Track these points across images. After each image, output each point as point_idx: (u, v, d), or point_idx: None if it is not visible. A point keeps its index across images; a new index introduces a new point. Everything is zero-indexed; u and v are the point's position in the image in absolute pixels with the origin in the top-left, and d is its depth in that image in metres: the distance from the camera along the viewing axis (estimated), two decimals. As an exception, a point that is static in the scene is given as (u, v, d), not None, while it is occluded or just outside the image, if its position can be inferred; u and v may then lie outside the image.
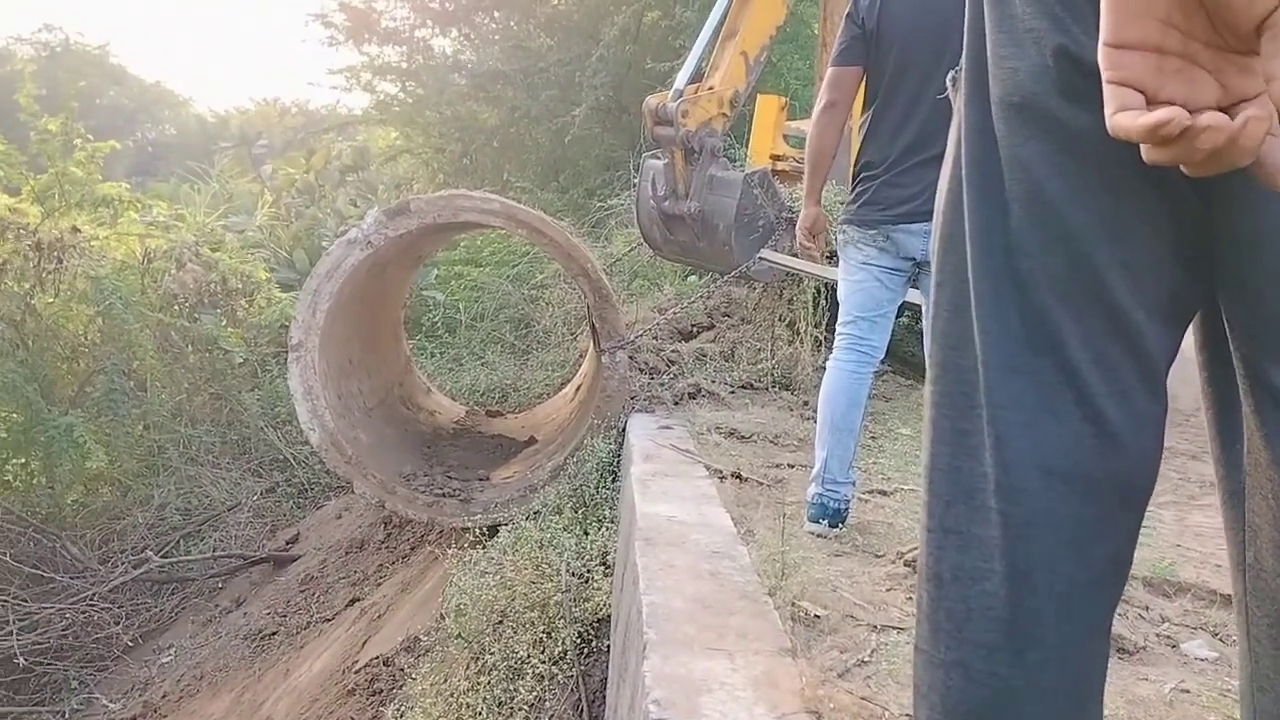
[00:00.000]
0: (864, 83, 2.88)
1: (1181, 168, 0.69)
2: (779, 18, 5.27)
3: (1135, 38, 0.68)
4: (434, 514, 4.44)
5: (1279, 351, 0.82)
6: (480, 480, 4.80)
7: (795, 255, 4.94)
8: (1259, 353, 0.84)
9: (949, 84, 1.03)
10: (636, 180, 5.70)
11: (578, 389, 5.78)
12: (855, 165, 2.93)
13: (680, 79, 4.89)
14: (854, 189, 2.91)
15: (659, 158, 5.11)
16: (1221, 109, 0.67)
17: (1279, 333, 0.82)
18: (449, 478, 4.79)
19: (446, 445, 5.49)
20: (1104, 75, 0.69)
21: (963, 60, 0.96)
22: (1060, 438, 0.90)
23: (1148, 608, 2.33)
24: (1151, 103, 0.68)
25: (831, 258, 3.89)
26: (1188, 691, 1.89)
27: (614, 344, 4.41)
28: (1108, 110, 0.69)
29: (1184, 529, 3.05)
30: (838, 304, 2.99)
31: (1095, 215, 0.87)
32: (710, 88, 4.96)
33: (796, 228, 3.08)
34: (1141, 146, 0.69)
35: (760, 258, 4.79)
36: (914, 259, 2.80)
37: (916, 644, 1.01)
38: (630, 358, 4.70)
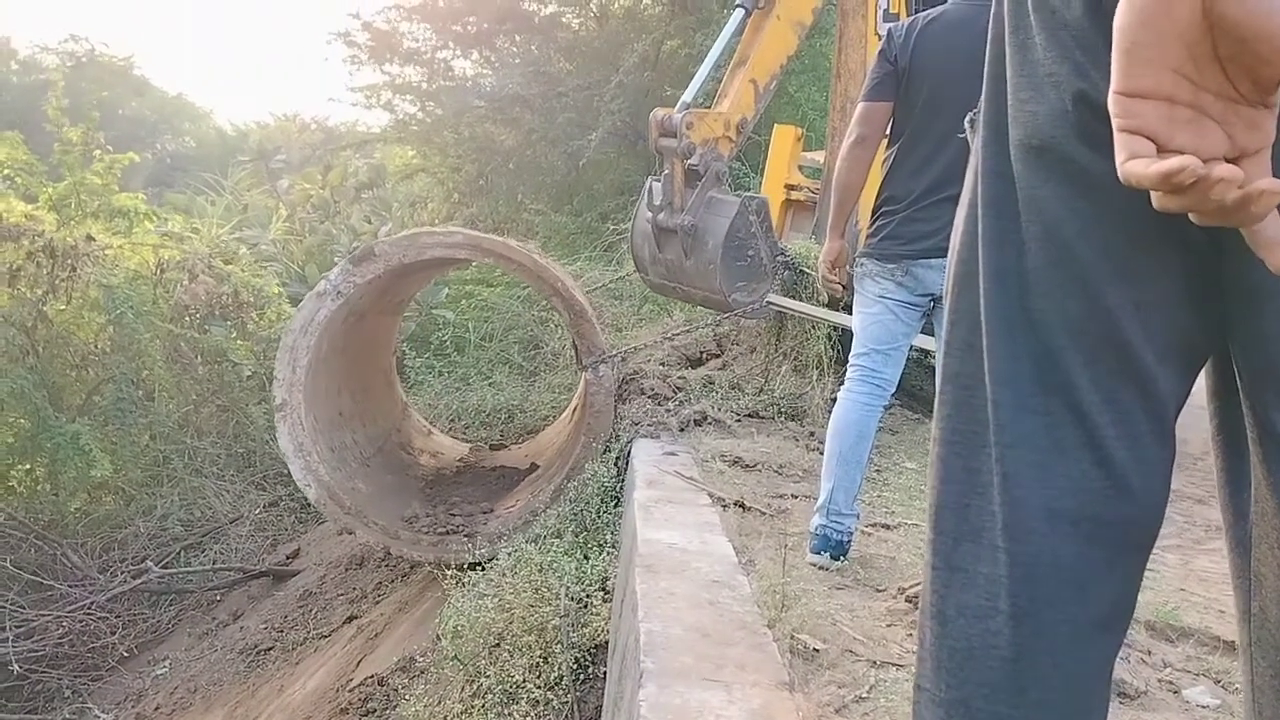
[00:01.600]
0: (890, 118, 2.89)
1: (1191, 216, 0.69)
2: (790, 48, 5.28)
3: (1147, 86, 0.68)
4: (440, 553, 4.40)
5: None
6: (484, 513, 4.76)
7: (793, 297, 4.95)
8: (1267, 401, 0.83)
9: (967, 125, 1.04)
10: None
11: (574, 410, 5.77)
12: (876, 200, 2.92)
13: (687, 94, 4.91)
14: (874, 223, 2.90)
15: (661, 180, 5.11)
16: (1228, 161, 0.68)
17: None
18: (452, 515, 4.75)
19: (449, 484, 5.46)
20: (1115, 123, 0.70)
21: (981, 102, 0.97)
22: (1069, 479, 0.90)
23: (1150, 652, 2.31)
24: (1162, 151, 0.68)
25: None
26: (1189, 740, 1.87)
27: (595, 359, 4.41)
28: (1119, 158, 0.69)
29: (1189, 573, 3.02)
30: (849, 337, 2.97)
31: (1110, 257, 0.87)
32: (719, 112, 4.99)
33: (819, 260, 3.07)
34: (1152, 194, 0.69)
35: (768, 301, 4.78)
36: (932, 295, 2.79)
37: (917, 682, 1.00)
38: (639, 386, 4.69)
